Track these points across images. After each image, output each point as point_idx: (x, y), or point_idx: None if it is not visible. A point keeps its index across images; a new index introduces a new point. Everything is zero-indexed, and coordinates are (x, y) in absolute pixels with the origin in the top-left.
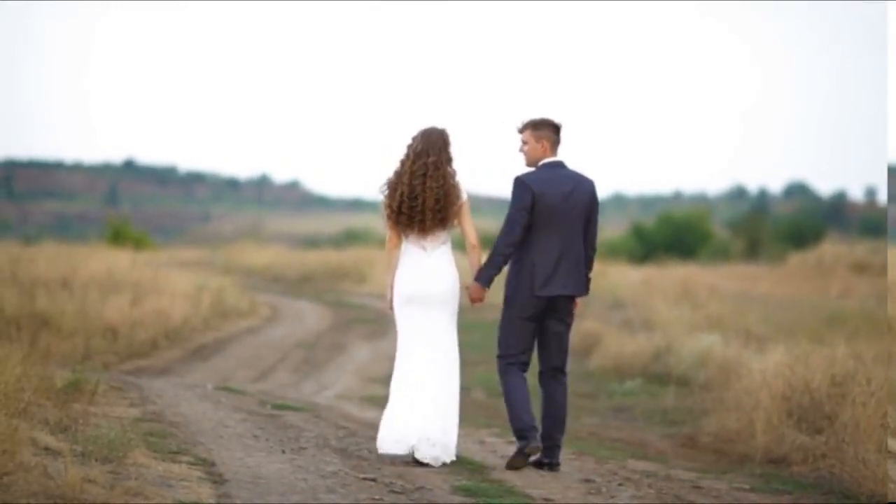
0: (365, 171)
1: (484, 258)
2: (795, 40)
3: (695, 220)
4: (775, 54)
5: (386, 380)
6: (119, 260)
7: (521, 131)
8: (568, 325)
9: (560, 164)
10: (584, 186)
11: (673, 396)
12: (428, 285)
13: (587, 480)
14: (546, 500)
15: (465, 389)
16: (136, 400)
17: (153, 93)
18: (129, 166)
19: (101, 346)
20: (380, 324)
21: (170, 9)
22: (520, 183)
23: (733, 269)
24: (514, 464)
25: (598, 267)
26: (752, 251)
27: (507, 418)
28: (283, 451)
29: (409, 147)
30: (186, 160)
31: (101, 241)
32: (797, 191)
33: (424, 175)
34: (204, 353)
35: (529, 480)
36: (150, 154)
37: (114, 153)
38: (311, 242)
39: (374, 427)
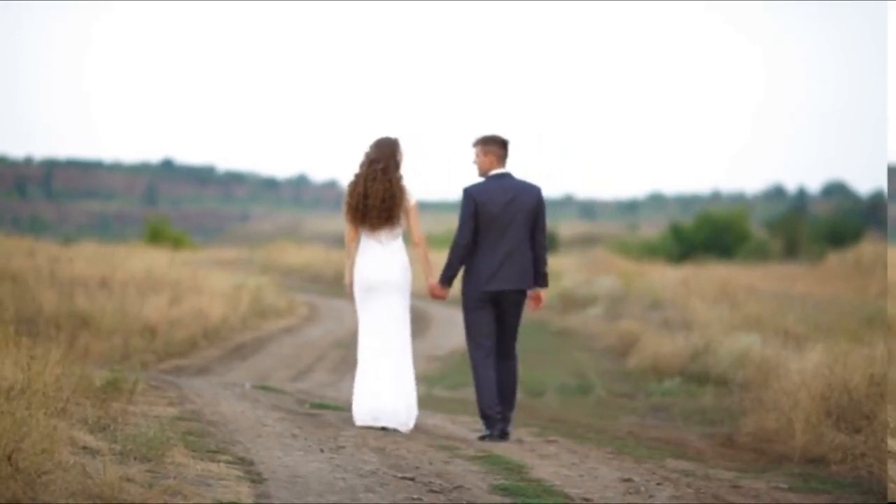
0: (404, 172)
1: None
2: (841, 39)
3: (733, 219)
4: (817, 53)
5: (423, 379)
6: (158, 259)
7: (474, 146)
8: (518, 315)
9: (505, 175)
10: (527, 194)
11: (711, 396)
12: (382, 273)
13: (626, 479)
14: (585, 499)
15: None
16: (175, 399)
17: (192, 93)
18: (168, 166)
19: (140, 345)
20: (416, 324)
21: (208, 8)
22: (465, 193)
23: (772, 269)
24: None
25: (636, 267)
26: (791, 251)
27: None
28: (322, 451)
29: (366, 154)
30: (225, 160)
31: (140, 240)
32: (836, 190)
33: (374, 179)
34: (242, 353)
35: (567, 480)
36: (189, 154)
37: (152, 153)
38: None
39: (412, 426)
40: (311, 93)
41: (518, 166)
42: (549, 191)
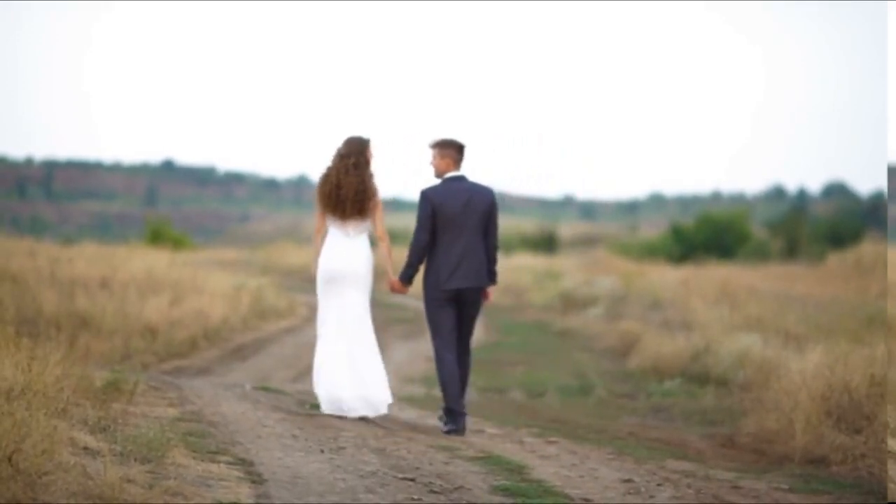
0: (403, 172)
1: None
2: (841, 39)
3: (734, 220)
4: (817, 53)
5: (423, 380)
6: (158, 260)
7: (431, 147)
8: (477, 311)
9: (460, 178)
10: (481, 196)
11: (712, 397)
12: (346, 264)
13: (626, 480)
14: (585, 500)
15: (503, 390)
16: (175, 400)
17: (192, 93)
18: (168, 167)
19: (141, 345)
20: (417, 324)
21: (208, 8)
22: (422, 196)
23: (772, 270)
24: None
25: (637, 267)
26: (791, 251)
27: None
28: (322, 451)
29: (337, 150)
30: (225, 161)
31: (141, 241)
32: (836, 191)
33: (346, 172)
34: (243, 353)
35: (568, 480)
36: (189, 154)
37: (153, 153)
38: None
39: (412, 427)
40: (311, 93)
41: (519, 167)
42: (550, 191)
